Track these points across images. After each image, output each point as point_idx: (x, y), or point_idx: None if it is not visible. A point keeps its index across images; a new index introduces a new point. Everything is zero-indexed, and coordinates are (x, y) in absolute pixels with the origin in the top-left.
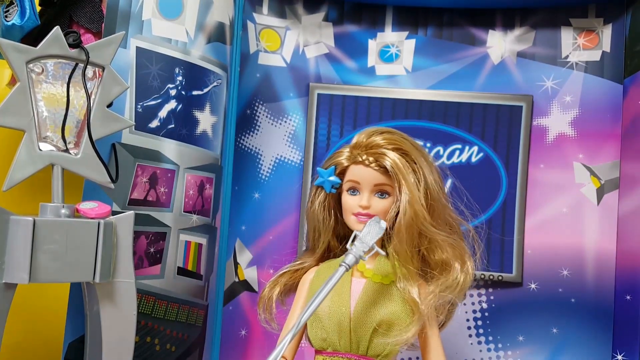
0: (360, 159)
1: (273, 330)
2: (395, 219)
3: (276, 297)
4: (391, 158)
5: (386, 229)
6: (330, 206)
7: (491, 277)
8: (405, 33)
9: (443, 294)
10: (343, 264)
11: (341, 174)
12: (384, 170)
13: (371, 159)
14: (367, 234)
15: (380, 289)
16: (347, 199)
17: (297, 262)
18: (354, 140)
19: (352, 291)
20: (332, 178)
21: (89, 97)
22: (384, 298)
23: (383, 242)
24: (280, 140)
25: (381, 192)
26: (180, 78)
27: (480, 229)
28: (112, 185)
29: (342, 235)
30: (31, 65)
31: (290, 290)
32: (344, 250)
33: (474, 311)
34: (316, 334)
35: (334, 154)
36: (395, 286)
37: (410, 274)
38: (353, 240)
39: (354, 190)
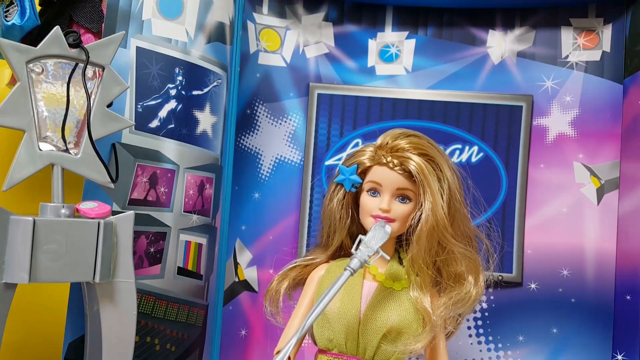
0: (384, 161)
1: (277, 324)
2: (415, 226)
3: (284, 291)
4: (417, 163)
5: (403, 235)
6: (348, 205)
7: (491, 277)
8: (405, 33)
9: (454, 307)
10: (348, 268)
11: (362, 173)
12: (408, 174)
13: (396, 161)
14: (372, 239)
15: (391, 295)
16: (367, 200)
17: (308, 257)
18: (379, 141)
19: (363, 294)
20: (354, 177)
21: (89, 97)
22: (394, 304)
23: (399, 248)
24: (280, 140)
25: (402, 196)
26: (180, 78)
27: (493, 223)
28: (112, 185)
29: (356, 234)
30: (31, 65)
31: (298, 284)
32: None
33: (474, 311)
34: (322, 334)
35: (356, 152)
36: (407, 293)
37: (424, 283)
38: (358, 245)
39: (374, 191)
